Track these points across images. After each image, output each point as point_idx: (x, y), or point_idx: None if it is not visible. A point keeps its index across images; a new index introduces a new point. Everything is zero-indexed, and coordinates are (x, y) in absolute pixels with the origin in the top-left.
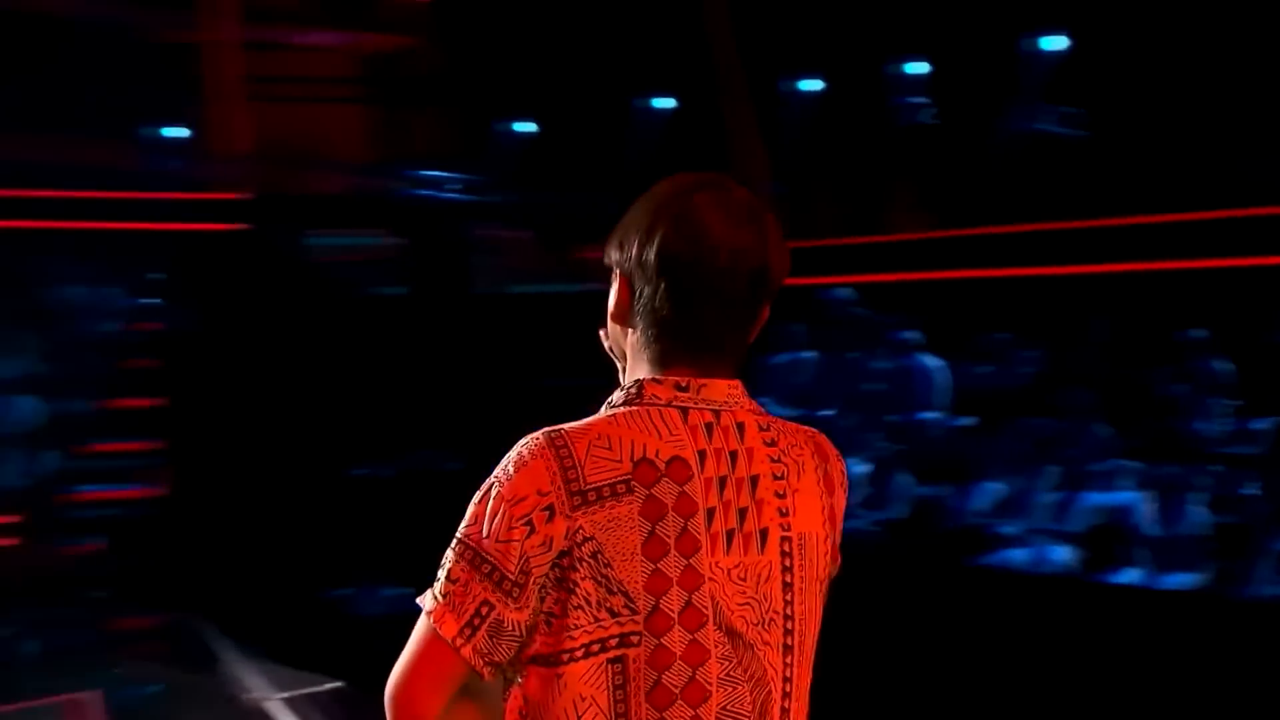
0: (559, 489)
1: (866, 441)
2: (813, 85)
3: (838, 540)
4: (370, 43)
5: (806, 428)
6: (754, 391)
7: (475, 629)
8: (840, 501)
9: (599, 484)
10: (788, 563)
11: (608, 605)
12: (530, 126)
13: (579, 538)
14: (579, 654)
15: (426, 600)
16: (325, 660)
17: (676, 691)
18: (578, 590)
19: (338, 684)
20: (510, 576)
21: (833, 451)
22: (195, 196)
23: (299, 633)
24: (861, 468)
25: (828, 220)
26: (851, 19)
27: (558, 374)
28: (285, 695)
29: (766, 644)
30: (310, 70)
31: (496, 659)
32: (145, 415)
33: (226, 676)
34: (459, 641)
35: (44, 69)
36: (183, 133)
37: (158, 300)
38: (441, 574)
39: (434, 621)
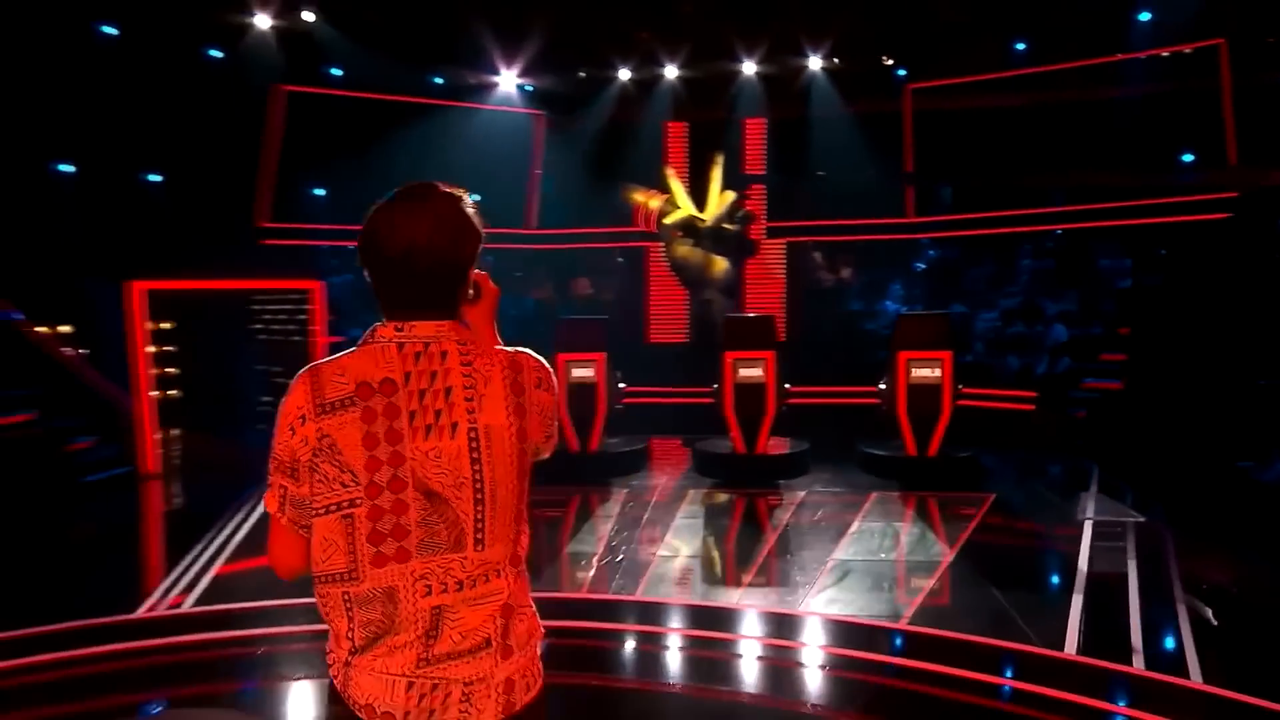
0: (309, 403)
1: None
2: None
3: (546, 426)
4: None
5: (509, 350)
6: None
7: (284, 504)
8: (536, 398)
9: (333, 399)
10: (474, 445)
11: (340, 480)
12: None
13: (321, 434)
14: (321, 512)
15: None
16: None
17: (386, 531)
18: (318, 471)
19: (1141, 519)
20: (288, 464)
21: (529, 365)
22: (1192, 199)
23: (1191, 491)
24: None
25: None
26: None
27: None
28: (1095, 518)
29: (460, 499)
30: None
31: (304, 523)
32: (1123, 338)
33: (1079, 499)
34: (278, 515)
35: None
36: (1190, 157)
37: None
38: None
39: (265, 506)
